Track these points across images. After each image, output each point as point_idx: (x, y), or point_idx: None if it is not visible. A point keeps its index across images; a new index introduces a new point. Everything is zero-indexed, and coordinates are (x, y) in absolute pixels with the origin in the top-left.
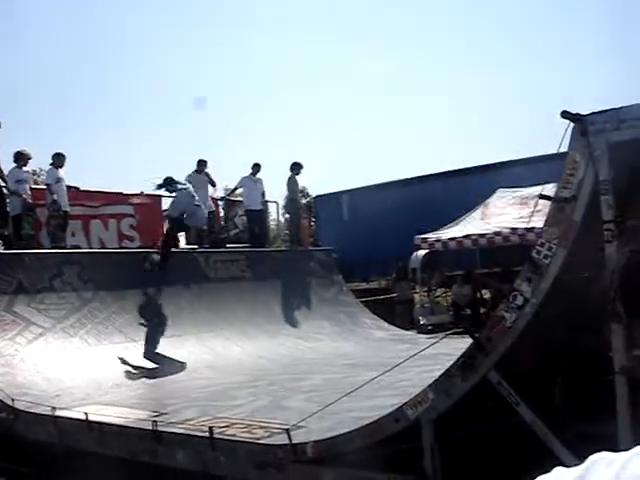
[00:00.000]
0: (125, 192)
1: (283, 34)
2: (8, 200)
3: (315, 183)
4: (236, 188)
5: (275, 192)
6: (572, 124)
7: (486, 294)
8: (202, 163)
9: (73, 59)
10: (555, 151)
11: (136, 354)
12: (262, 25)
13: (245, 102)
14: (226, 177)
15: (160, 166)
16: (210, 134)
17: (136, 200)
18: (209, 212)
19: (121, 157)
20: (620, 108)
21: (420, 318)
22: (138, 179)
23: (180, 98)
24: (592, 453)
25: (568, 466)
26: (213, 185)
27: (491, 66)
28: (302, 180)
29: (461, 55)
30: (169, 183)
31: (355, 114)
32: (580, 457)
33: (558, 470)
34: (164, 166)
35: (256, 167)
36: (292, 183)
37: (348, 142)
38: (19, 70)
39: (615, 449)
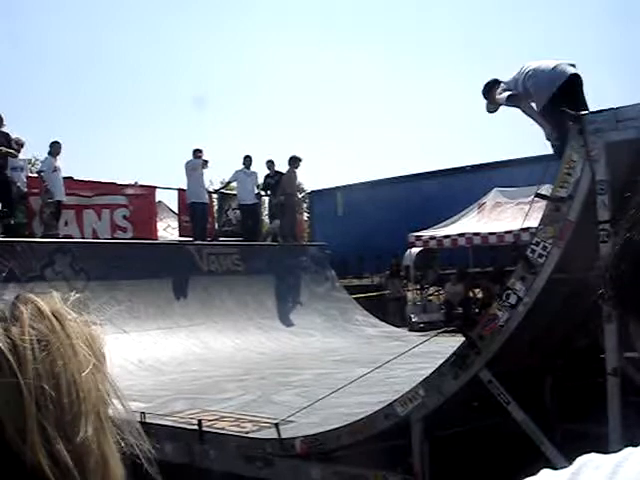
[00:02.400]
0: (119, 182)
1: (277, 30)
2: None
3: (310, 178)
4: (230, 182)
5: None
6: (570, 123)
7: (479, 293)
8: (197, 152)
9: (65, 50)
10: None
11: (127, 345)
12: (255, 21)
13: (240, 96)
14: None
15: (155, 156)
16: (205, 127)
17: (130, 191)
18: (203, 204)
19: (116, 147)
20: (618, 108)
21: (412, 316)
22: (132, 169)
23: (176, 89)
24: (582, 453)
25: (556, 466)
26: None
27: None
28: (298, 175)
29: (459, 52)
30: None
31: (350, 110)
32: (569, 456)
33: (545, 472)
34: (159, 157)
35: (248, 159)
36: (290, 177)
37: (343, 138)
38: (16, 60)
39: (605, 450)
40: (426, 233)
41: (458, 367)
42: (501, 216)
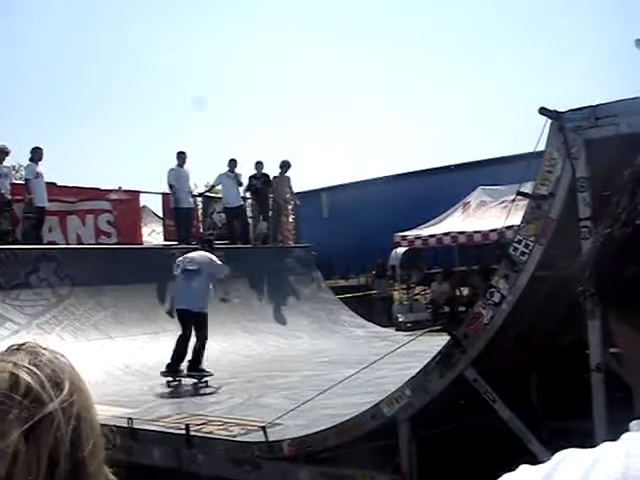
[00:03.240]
0: (102, 187)
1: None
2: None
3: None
4: (214, 185)
5: None
6: (550, 121)
7: (465, 291)
8: (182, 155)
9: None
10: (533, 148)
11: (112, 351)
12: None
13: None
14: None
15: (140, 161)
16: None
17: (114, 196)
18: (189, 208)
19: (99, 152)
20: (597, 105)
21: (399, 315)
22: (116, 174)
23: (159, 92)
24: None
25: (542, 462)
26: None
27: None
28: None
29: (445, 52)
30: None
31: (336, 112)
32: (556, 453)
33: (524, 468)
34: (143, 161)
35: (232, 163)
36: (279, 181)
37: (327, 139)
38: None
39: (591, 446)
40: (411, 233)
41: (444, 366)
42: (486, 215)
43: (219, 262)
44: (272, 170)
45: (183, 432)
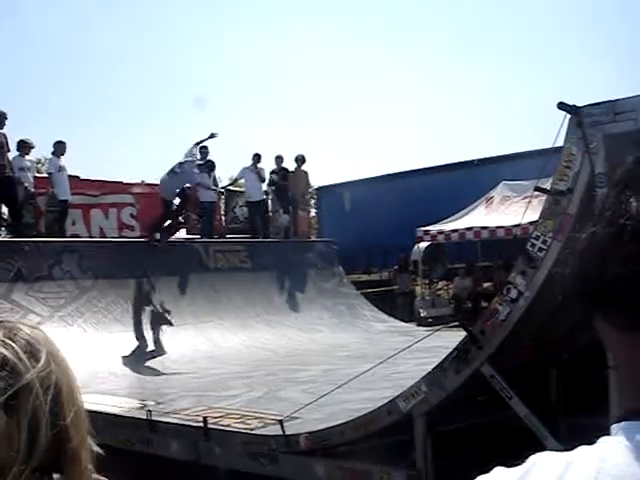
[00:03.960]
0: (125, 181)
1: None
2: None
3: (317, 175)
4: (237, 179)
5: None
6: (569, 116)
7: (490, 286)
8: (204, 150)
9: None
10: (551, 143)
11: (134, 343)
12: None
13: (247, 93)
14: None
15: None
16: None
17: (137, 189)
18: (211, 202)
19: (122, 147)
20: (616, 100)
21: (421, 310)
22: (140, 168)
23: (180, 87)
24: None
25: None
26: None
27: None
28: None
29: (464, 47)
30: None
31: (360, 106)
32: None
33: (498, 470)
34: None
35: (256, 157)
36: (295, 176)
37: (352, 133)
38: (22, 59)
39: None
40: (434, 228)
41: (460, 362)
42: (509, 210)
43: None
44: (291, 164)
45: (201, 425)
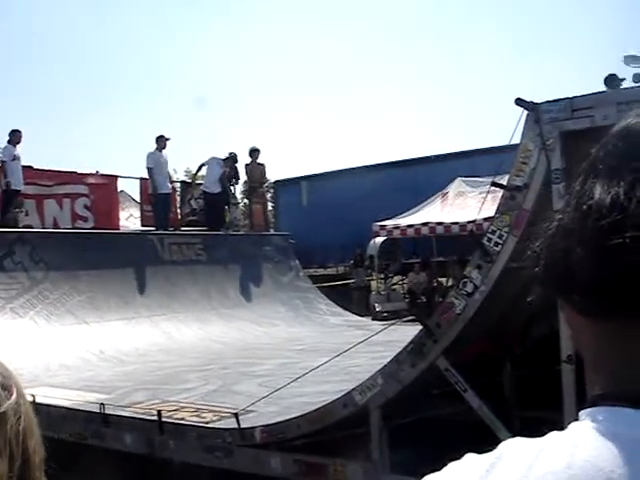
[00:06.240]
0: (80, 171)
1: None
2: None
3: (274, 169)
4: (202, 165)
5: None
6: (526, 112)
7: (442, 281)
8: (162, 139)
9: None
10: (508, 139)
11: (87, 336)
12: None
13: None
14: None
15: (119, 147)
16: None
17: (91, 180)
18: (166, 194)
19: (76, 137)
20: (573, 97)
21: (376, 305)
22: (93, 159)
23: (137, 77)
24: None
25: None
26: None
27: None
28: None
29: (425, 43)
30: None
31: (318, 100)
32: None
33: (469, 456)
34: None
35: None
36: (251, 168)
37: (309, 127)
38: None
39: None
40: (390, 223)
41: (415, 355)
42: (464, 204)
43: None
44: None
45: (155, 418)
